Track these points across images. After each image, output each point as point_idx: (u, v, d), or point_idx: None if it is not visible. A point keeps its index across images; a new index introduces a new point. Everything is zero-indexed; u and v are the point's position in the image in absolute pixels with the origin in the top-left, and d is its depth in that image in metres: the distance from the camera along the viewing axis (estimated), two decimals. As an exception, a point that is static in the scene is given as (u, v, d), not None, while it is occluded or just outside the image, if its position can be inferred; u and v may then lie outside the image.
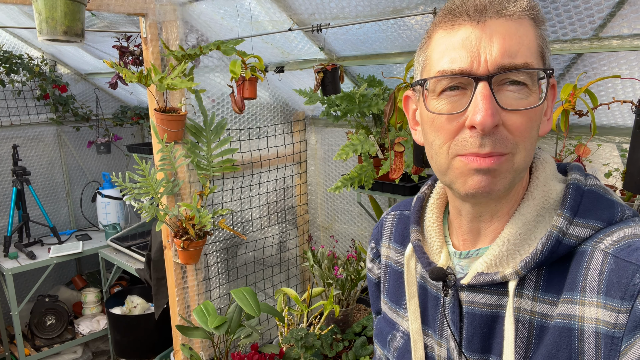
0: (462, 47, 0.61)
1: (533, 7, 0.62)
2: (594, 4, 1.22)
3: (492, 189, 0.62)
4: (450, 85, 0.62)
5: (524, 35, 0.60)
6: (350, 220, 2.62)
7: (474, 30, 0.60)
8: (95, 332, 3.40)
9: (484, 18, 0.60)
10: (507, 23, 0.60)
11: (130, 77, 1.68)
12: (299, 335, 1.66)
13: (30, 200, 3.43)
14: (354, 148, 1.85)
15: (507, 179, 0.62)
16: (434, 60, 0.64)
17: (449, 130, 0.63)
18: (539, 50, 0.62)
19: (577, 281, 0.60)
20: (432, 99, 0.65)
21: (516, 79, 0.60)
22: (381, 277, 0.91)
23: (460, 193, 0.65)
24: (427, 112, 0.66)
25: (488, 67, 0.59)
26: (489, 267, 0.67)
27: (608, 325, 0.56)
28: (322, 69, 1.83)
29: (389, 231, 0.90)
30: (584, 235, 0.62)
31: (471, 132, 0.61)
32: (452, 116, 0.62)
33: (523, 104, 0.61)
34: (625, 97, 1.45)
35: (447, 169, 0.65)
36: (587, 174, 0.70)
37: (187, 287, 2.12)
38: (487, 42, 0.59)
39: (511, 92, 0.61)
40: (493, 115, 0.59)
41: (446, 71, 0.62)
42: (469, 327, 0.69)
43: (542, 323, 0.63)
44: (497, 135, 0.60)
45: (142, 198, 1.90)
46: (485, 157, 0.61)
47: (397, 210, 0.90)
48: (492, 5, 0.60)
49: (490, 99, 0.59)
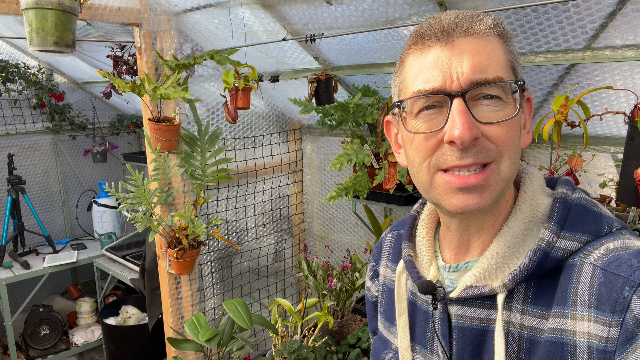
0: (434, 67, 0.63)
1: (498, 24, 0.64)
2: (586, 14, 1.21)
3: (481, 205, 0.63)
4: (426, 104, 0.64)
5: (492, 51, 0.62)
6: (346, 230, 2.60)
7: (444, 51, 0.62)
8: (89, 342, 3.37)
9: (452, 38, 0.62)
10: (475, 41, 0.62)
11: (124, 87, 1.67)
12: (292, 348, 1.64)
13: (26, 209, 3.41)
14: (349, 158, 1.85)
15: (497, 190, 0.63)
16: (409, 82, 0.66)
17: (427, 147, 0.64)
18: (508, 64, 0.64)
19: (567, 295, 0.60)
20: (411, 119, 0.67)
21: (489, 92, 0.62)
22: (379, 296, 0.92)
23: (449, 210, 0.65)
24: (407, 132, 0.67)
25: (461, 84, 0.61)
26: (478, 280, 0.67)
27: (600, 339, 0.56)
28: (315, 78, 1.82)
29: (387, 251, 0.91)
30: (572, 248, 0.62)
31: (451, 147, 0.62)
32: (431, 134, 0.64)
33: (499, 115, 0.62)
34: (619, 108, 1.44)
35: (429, 186, 0.66)
36: (575, 187, 0.70)
37: (181, 297, 2.10)
38: (457, 60, 0.61)
39: (486, 105, 0.62)
40: (470, 129, 0.60)
41: (421, 91, 0.64)
42: (459, 341, 0.69)
43: (532, 337, 0.63)
44: (479, 147, 0.62)
45: (136, 208, 1.89)
46: (470, 176, 0.62)
47: (395, 230, 0.92)
48: (459, 25, 0.63)
49: (466, 113, 0.61)
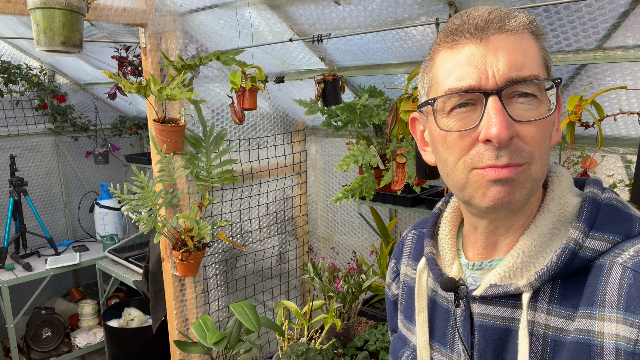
0: (468, 64, 0.61)
1: (532, 21, 0.63)
2: (599, 14, 1.21)
3: (512, 199, 0.62)
4: (459, 102, 0.63)
5: (527, 48, 0.61)
6: (351, 232, 2.59)
7: (478, 47, 0.61)
8: (92, 345, 3.35)
9: (486, 35, 0.61)
10: (510, 38, 0.61)
11: (129, 88, 1.66)
12: (299, 351, 1.62)
13: (28, 211, 3.39)
14: (355, 159, 1.83)
15: (526, 188, 0.62)
16: (441, 79, 0.65)
17: (462, 146, 0.63)
18: (543, 62, 0.63)
19: (595, 296, 0.59)
20: (442, 118, 0.66)
21: (525, 90, 0.61)
22: (399, 295, 0.91)
23: (480, 206, 0.64)
24: (439, 131, 0.66)
25: (497, 81, 0.60)
26: (503, 279, 0.66)
27: (629, 341, 0.55)
28: (323, 79, 1.81)
29: (408, 249, 0.90)
30: (601, 248, 0.61)
31: (486, 145, 0.61)
32: (465, 132, 0.63)
33: (534, 114, 0.61)
34: (630, 108, 1.43)
35: (465, 184, 0.65)
36: (605, 188, 0.69)
37: (185, 299, 2.08)
38: (492, 57, 0.60)
39: (521, 104, 0.61)
40: (508, 128, 0.59)
41: (455, 89, 0.62)
42: (481, 340, 0.68)
43: (557, 337, 0.62)
44: (513, 147, 0.61)
45: (141, 209, 1.87)
46: (503, 168, 0.61)
47: (416, 228, 0.91)
48: (493, 22, 0.61)
49: (502, 112, 0.60)
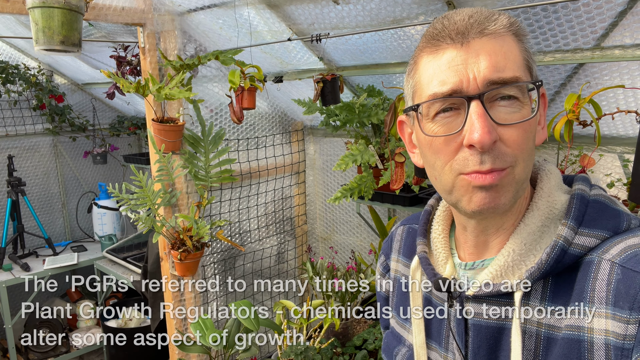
0: (449, 68, 0.62)
1: (513, 22, 0.63)
2: (596, 13, 1.21)
3: (497, 204, 0.63)
4: (443, 107, 0.63)
5: (509, 50, 0.62)
6: (350, 231, 2.59)
7: (459, 52, 0.61)
8: (90, 345, 3.35)
9: (467, 39, 0.61)
10: (491, 41, 0.61)
11: (128, 87, 1.66)
12: (298, 350, 1.63)
13: (25, 211, 3.38)
14: (354, 158, 1.84)
15: (511, 192, 0.63)
16: (424, 84, 0.65)
17: (448, 151, 0.64)
18: (525, 63, 0.63)
19: (584, 292, 0.60)
20: (427, 122, 0.66)
21: (507, 93, 0.61)
22: (390, 291, 0.91)
23: (467, 211, 0.65)
24: (424, 136, 0.66)
25: (478, 85, 0.60)
26: (495, 278, 0.67)
27: (617, 336, 0.56)
28: (321, 79, 1.82)
29: (398, 245, 0.90)
30: (590, 244, 0.62)
31: (470, 150, 0.62)
32: (449, 137, 0.63)
33: (517, 117, 0.62)
34: (627, 107, 1.44)
35: (452, 188, 0.66)
36: (592, 184, 0.70)
37: (184, 299, 2.08)
38: (473, 60, 0.61)
39: (503, 107, 0.62)
40: (490, 132, 0.59)
41: (437, 94, 0.63)
42: (475, 339, 0.69)
43: (550, 334, 0.63)
44: (496, 151, 0.61)
45: (139, 209, 1.87)
46: (487, 174, 0.61)
47: (406, 224, 0.90)
48: (474, 26, 0.61)
49: (484, 116, 0.60)
